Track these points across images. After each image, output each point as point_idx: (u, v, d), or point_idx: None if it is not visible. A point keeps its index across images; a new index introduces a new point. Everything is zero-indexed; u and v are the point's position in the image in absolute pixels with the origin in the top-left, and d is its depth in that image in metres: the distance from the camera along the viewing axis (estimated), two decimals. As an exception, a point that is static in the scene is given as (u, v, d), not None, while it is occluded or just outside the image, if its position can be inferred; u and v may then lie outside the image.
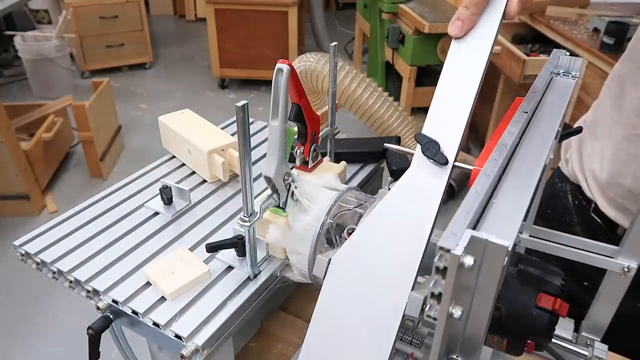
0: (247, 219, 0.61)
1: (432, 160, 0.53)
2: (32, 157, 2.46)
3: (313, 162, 0.76)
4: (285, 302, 0.93)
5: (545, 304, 0.49)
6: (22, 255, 0.72)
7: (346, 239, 0.58)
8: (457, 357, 0.42)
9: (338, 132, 0.84)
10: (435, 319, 0.39)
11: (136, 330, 0.65)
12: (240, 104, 0.54)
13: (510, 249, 0.35)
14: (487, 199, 0.43)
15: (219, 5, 3.38)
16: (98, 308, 0.64)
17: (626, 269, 0.67)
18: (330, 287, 0.53)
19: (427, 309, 0.40)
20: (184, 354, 0.58)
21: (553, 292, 0.50)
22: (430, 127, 0.55)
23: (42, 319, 1.98)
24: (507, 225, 0.40)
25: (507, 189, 0.45)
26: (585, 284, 0.89)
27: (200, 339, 0.59)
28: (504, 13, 0.55)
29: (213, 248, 0.67)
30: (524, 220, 0.42)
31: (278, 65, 0.60)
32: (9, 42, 3.75)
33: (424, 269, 0.49)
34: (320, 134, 0.78)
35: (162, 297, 0.64)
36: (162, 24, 5.17)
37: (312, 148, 0.75)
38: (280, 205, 0.67)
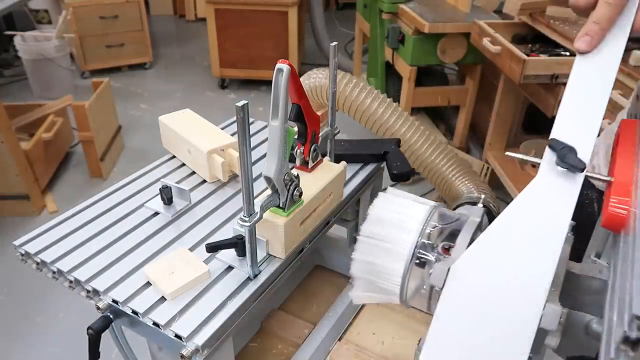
0: (247, 219, 0.61)
1: (566, 167, 0.51)
2: (32, 157, 2.46)
3: (313, 162, 0.76)
4: (285, 302, 0.93)
5: None
6: (22, 255, 0.72)
7: (440, 253, 0.54)
8: None
9: (338, 132, 0.84)
10: None
11: (136, 330, 0.65)
12: (240, 104, 0.54)
13: None
14: None
15: (219, 5, 3.38)
16: (98, 308, 0.64)
17: None
18: (450, 296, 0.49)
19: None
20: (184, 354, 0.58)
21: None
22: (562, 133, 0.53)
23: (42, 319, 1.98)
24: None
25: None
26: None
27: (201, 339, 0.59)
28: (631, 28, 0.53)
29: (213, 248, 0.67)
30: None
31: (278, 66, 0.60)
32: (9, 42, 3.75)
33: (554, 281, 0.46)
34: (321, 134, 0.78)
35: (162, 297, 0.64)
36: (162, 24, 5.16)
37: (312, 148, 0.75)
38: (280, 205, 0.67)
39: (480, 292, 0.47)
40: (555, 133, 0.53)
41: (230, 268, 0.69)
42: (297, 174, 0.68)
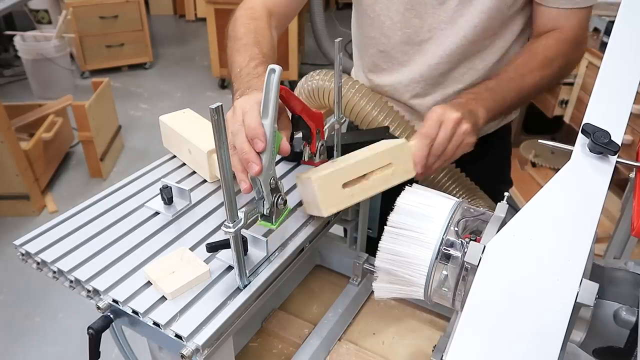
0: (230, 225, 0.59)
1: (601, 149, 0.52)
2: (32, 157, 2.46)
3: (321, 157, 0.77)
4: (285, 302, 0.93)
5: None
6: (23, 255, 0.72)
7: (466, 246, 0.54)
8: None
9: (344, 121, 0.84)
10: None
11: (136, 329, 0.65)
12: (214, 106, 0.50)
13: None
14: None
15: (219, 5, 3.38)
16: (98, 308, 0.64)
17: None
18: (485, 276, 0.49)
19: None
20: (184, 353, 0.58)
21: None
22: (595, 118, 0.55)
23: (42, 318, 1.98)
24: None
25: None
26: None
27: (201, 339, 0.59)
28: None
29: (213, 248, 0.67)
30: None
31: (270, 66, 0.61)
32: (9, 42, 3.75)
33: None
34: (326, 126, 0.78)
35: (163, 296, 0.64)
36: (162, 24, 5.17)
37: (319, 144, 0.76)
38: (265, 213, 0.66)
39: (516, 270, 0.48)
40: (589, 118, 0.55)
41: (230, 268, 0.69)
42: (282, 183, 0.68)
